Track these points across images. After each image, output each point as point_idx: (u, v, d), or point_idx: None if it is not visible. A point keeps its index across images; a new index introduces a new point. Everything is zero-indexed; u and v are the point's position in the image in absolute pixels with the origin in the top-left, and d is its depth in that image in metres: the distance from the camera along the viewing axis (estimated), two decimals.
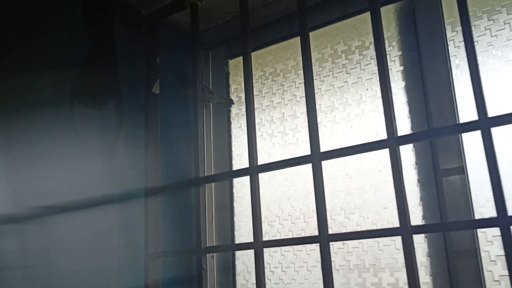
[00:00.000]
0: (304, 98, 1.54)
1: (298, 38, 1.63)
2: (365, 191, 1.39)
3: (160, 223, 1.48)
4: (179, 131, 1.60)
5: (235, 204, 1.63)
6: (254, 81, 1.64)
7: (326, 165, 1.31)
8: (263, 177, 1.55)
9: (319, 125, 1.36)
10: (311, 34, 1.55)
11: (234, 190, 1.65)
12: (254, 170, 1.26)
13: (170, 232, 1.51)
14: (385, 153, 1.37)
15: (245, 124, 1.32)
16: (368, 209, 1.37)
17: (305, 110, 1.52)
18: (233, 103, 1.70)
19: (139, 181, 1.48)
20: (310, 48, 1.26)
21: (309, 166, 1.45)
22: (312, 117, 1.21)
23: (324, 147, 1.35)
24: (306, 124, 1.52)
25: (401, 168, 1.06)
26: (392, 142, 1.08)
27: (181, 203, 1.57)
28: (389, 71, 1.40)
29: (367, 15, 1.49)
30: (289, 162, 1.23)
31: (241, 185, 1.64)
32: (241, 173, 1.31)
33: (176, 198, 1.58)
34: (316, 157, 1.18)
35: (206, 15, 1.72)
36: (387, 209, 1.34)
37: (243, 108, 1.69)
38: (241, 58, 1.74)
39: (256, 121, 1.63)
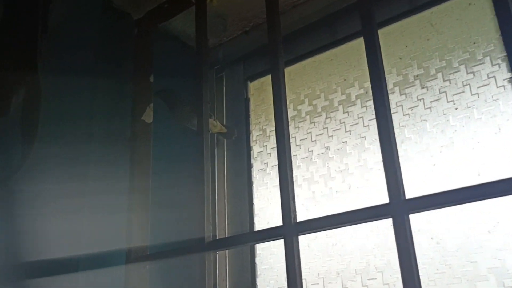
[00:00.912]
0: (357, 127, 1.08)
1: (343, 47, 1.20)
2: (463, 265, 0.88)
3: None
4: (178, 174, 1.13)
5: (259, 281, 1.13)
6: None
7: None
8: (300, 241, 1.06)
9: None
10: None
11: (257, 261, 1.15)
12: (291, 229, 0.78)
13: None
14: (495, 204, 0.88)
15: (270, 166, 1.12)
16: None
17: (358, 141, 1.05)
18: (235, 135, 1.23)
19: (116, 242, 1.00)
20: (380, 48, 0.81)
21: (372, 225, 0.97)
22: (388, 145, 0.73)
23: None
24: (361, 163, 1.05)
25: None
26: None
27: (179, 274, 1.08)
28: (491, 80, 0.94)
29: (446, 6, 1.05)
30: (354, 216, 0.74)
31: (267, 252, 1.14)
32: (271, 234, 0.82)
33: (172, 267, 1.09)
34: (399, 208, 0.69)
35: (219, 26, 1.29)
36: None
37: (269, 144, 1.22)
38: (263, 79, 1.30)
39: None
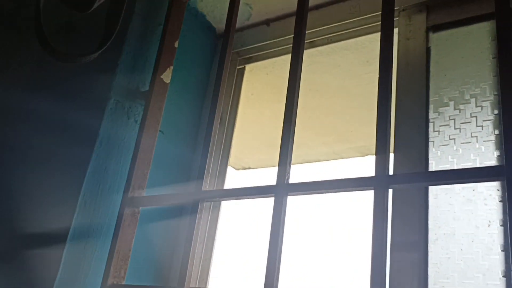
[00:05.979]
0: None
1: None
2: None
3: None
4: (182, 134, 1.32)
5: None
6: None
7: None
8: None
9: None
10: None
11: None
12: (283, 189, 0.85)
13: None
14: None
15: None
16: None
17: None
18: None
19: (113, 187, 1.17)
20: None
21: None
22: None
23: None
24: None
25: None
26: None
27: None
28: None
29: None
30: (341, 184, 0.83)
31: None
32: (263, 191, 0.90)
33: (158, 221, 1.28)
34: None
35: (244, 14, 1.43)
36: None
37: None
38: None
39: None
